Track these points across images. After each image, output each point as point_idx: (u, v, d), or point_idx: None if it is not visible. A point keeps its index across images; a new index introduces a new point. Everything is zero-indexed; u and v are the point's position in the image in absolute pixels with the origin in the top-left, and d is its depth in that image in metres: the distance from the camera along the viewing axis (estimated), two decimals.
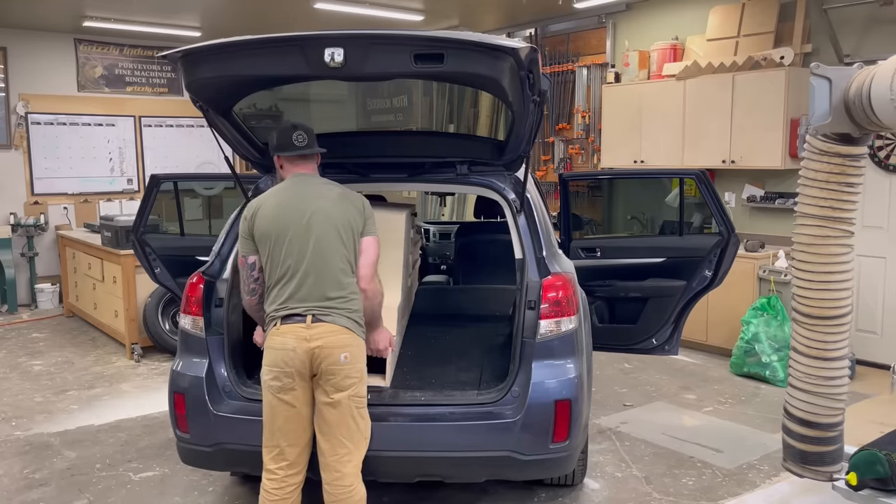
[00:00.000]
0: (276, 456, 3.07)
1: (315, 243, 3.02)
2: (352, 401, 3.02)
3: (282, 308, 3.04)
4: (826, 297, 2.98)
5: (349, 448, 3.04)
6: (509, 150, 3.63)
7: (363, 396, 3.09)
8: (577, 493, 3.96)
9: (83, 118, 9.39)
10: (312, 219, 3.04)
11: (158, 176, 4.88)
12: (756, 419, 5.02)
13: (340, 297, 3.03)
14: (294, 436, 3.06)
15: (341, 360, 2.98)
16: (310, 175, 3.21)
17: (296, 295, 3.02)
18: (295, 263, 3.03)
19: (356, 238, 3.11)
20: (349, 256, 3.09)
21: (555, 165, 8.74)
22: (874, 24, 6.03)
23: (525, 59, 2.82)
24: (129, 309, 6.59)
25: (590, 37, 8.42)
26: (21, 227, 8.82)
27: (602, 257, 4.60)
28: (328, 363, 2.97)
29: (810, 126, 2.94)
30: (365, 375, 3.11)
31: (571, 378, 3.26)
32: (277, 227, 3.06)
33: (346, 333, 3.02)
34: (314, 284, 3.01)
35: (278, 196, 3.14)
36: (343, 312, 3.03)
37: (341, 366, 2.98)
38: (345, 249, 3.07)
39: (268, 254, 3.09)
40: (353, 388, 3.02)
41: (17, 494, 4.08)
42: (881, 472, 2.91)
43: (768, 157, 6.33)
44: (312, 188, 3.15)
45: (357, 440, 3.07)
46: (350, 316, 3.05)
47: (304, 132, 3.16)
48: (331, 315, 3.00)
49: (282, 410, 3.04)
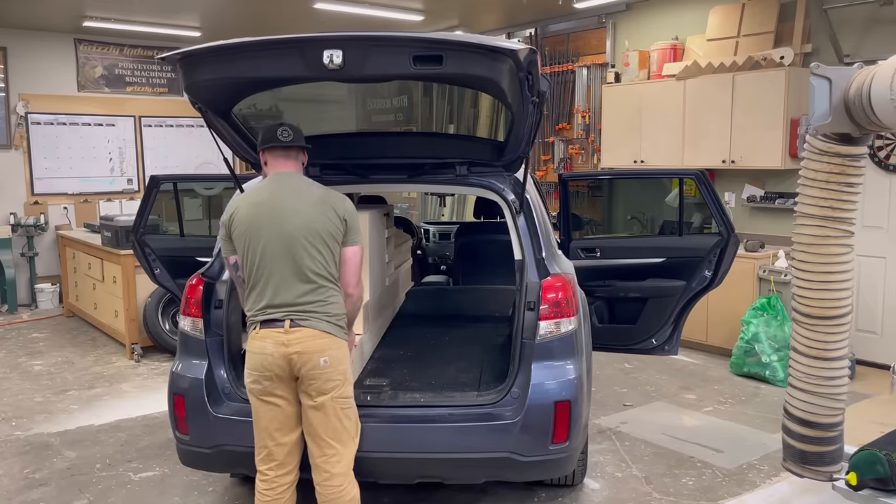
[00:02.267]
0: (265, 457, 3.08)
1: (291, 247, 2.97)
2: (336, 402, 3.01)
3: (260, 312, 3.02)
4: (826, 297, 2.98)
5: (337, 449, 3.04)
6: (509, 151, 3.63)
7: (348, 397, 3.08)
8: (577, 493, 3.96)
9: (83, 118, 9.40)
10: (288, 221, 2.98)
11: (158, 177, 4.88)
12: (756, 419, 5.02)
13: (318, 300, 2.99)
14: (280, 435, 3.05)
15: (321, 364, 2.95)
16: (291, 174, 3.12)
17: (273, 299, 2.98)
18: (270, 266, 2.98)
19: (336, 241, 3.04)
20: (327, 260, 3.02)
21: (555, 165, 8.74)
22: (874, 24, 6.02)
23: (524, 60, 2.82)
24: (129, 309, 6.59)
25: (590, 37, 8.42)
26: (21, 227, 8.83)
27: (602, 257, 4.60)
28: (308, 368, 2.95)
29: (810, 126, 2.93)
30: (349, 376, 3.09)
31: (571, 379, 3.26)
32: (252, 228, 3.01)
33: (324, 337, 2.98)
34: (290, 288, 2.97)
35: (256, 196, 3.08)
36: (321, 316, 2.99)
37: (322, 370, 2.96)
38: (321, 254, 3.00)
39: (244, 255, 3.06)
40: (336, 391, 3.00)
41: (17, 494, 4.08)
42: (881, 472, 2.91)
43: (768, 157, 6.32)
44: (291, 188, 3.07)
45: (344, 440, 3.06)
46: (329, 319, 3.00)
47: (290, 129, 3.10)
48: (309, 319, 2.97)
49: (265, 412, 3.04)
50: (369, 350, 3.94)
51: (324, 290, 3.01)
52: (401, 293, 5.08)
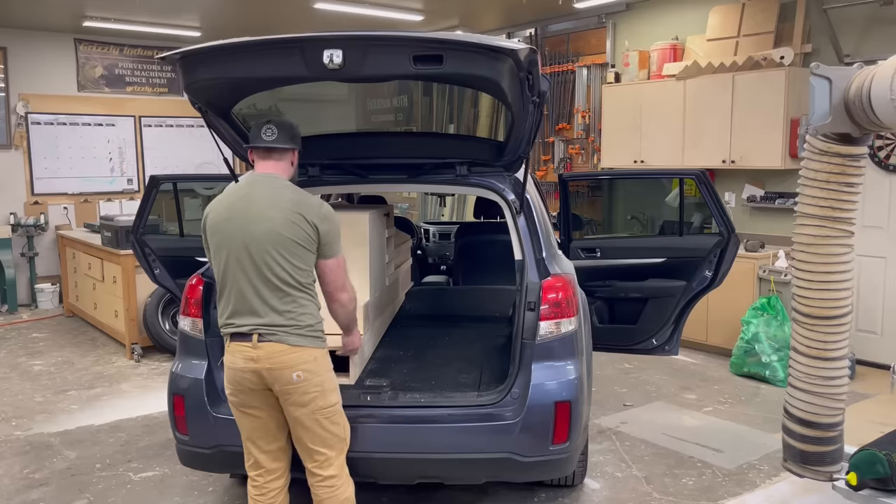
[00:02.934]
0: (252, 465, 3.07)
1: (257, 254, 2.83)
2: (317, 414, 2.93)
3: (228, 325, 2.93)
4: (826, 297, 2.98)
5: (326, 454, 3.00)
6: (509, 151, 3.63)
7: (329, 406, 2.97)
8: (577, 493, 3.96)
9: (83, 118, 9.39)
10: (255, 227, 2.84)
11: (158, 177, 4.88)
12: (756, 419, 5.02)
13: (287, 311, 2.86)
14: (264, 444, 3.03)
15: (293, 379, 2.86)
16: (267, 176, 2.96)
17: (238, 308, 2.88)
18: (234, 274, 2.87)
19: (307, 248, 2.87)
20: (297, 267, 2.86)
21: (555, 165, 8.74)
22: (874, 24, 6.02)
23: (524, 60, 2.81)
24: (129, 309, 6.59)
25: (590, 37, 8.42)
26: (21, 227, 8.83)
27: (602, 258, 4.60)
28: (281, 384, 2.88)
29: (810, 126, 2.93)
30: (329, 385, 2.97)
31: (571, 379, 3.26)
32: (220, 234, 2.92)
33: (295, 351, 2.86)
34: (256, 298, 2.85)
35: (227, 199, 2.96)
36: (291, 330, 2.86)
37: (295, 384, 2.87)
38: (289, 262, 2.84)
39: (212, 261, 3.00)
40: (314, 403, 2.92)
41: (17, 494, 4.08)
42: (881, 472, 2.91)
43: (768, 157, 6.32)
44: (262, 192, 2.90)
45: (333, 445, 3.01)
46: (300, 332, 2.87)
47: (276, 127, 2.95)
48: (276, 334, 2.85)
49: (246, 423, 3.02)
50: (369, 350, 3.94)
51: (293, 300, 2.87)
52: (401, 293, 5.08)
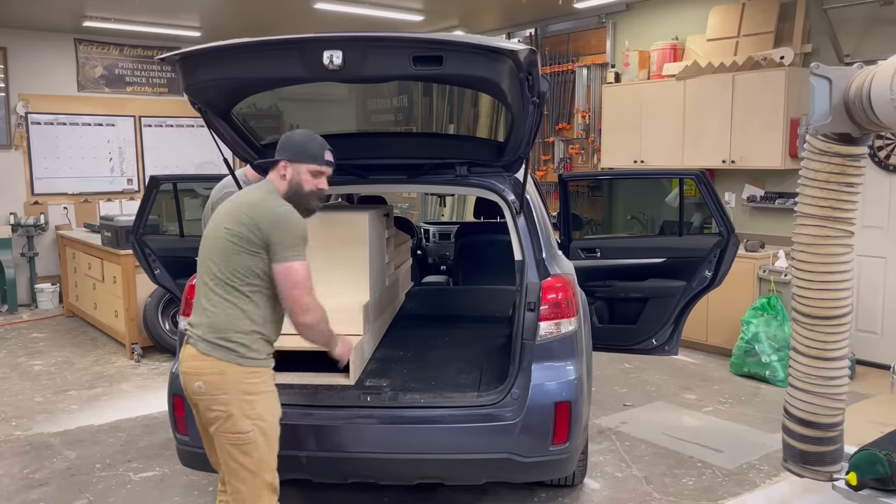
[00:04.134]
0: (220, 477, 2.98)
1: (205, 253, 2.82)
2: (222, 437, 2.72)
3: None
4: (826, 297, 2.98)
5: (237, 488, 2.73)
6: (509, 152, 3.63)
7: (238, 432, 2.69)
8: (577, 494, 3.97)
9: (83, 118, 9.40)
10: (214, 227, 2.83)
11: (158, 177, 4.88)
12: (756, 419, 5.02)
13: (210, 310, 2.75)
14: (214, 456, 2.93)
15: (195, 388, 2.74)
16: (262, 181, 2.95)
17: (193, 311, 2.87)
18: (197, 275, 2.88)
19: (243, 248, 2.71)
20: (229, 265, 2.73)
21: (555, 165, 8.74)
22: (874, 24, 6.02)
23: (524, 60, 2.81)
24: (129, 309, 6.59)
25: (590, 37, 8.42)
26: (21, 227, 8.83)
27: (602, 258, 4.60)
28: (189, 392, 2.81)
29: (810, 126, 2.93)
30: (238, 410, 2.68)
31: (571, 380, 3.26)
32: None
33: (201, 360, 2.72)
34: (199, 297, 2.82)
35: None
36: (205, 333, 2.73)
37: (199, 395, 2.74)
38: (226, 263, 2.73)
39: None
40: (219, 424, 2.70)
41: (17, 494, 4.08)
42: (881, 472, 2.91)
43: (768, 157, 6.32)
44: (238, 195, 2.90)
45: (243, 478, 2.72)
46: (212, 339, 2.71)
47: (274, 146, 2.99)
48: (193, 337, 2.78)
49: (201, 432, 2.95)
50: (369, 350, 3.94)
51: (221, 300, 2.73)
52: (401, 293, 5.07)
